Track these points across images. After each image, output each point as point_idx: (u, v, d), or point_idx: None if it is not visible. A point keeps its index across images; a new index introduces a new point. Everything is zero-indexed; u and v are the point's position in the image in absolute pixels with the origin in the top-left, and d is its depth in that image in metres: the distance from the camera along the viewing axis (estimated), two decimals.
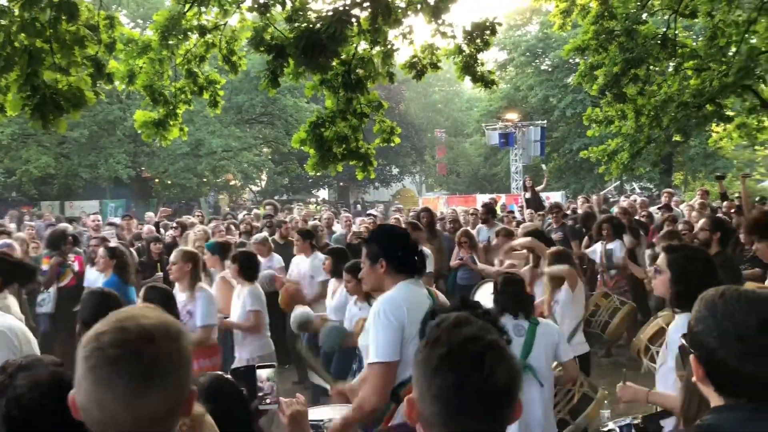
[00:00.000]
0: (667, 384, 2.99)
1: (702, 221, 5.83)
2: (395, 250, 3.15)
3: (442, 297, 3.46)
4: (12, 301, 4.40)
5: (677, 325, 2.95)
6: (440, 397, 1.40)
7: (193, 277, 5.29)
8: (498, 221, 10.24)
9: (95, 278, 7.23)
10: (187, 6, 7.31)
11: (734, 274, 4.95)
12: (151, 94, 7.71)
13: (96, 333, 1.33)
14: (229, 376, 2.65)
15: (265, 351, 5.62)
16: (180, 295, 5.27)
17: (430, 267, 7.13)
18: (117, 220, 11.23)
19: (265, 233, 8.76)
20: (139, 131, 8.08)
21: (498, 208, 15.65)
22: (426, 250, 7.31)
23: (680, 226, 7.48)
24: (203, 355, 5.05)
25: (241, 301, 5.65)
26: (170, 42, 7.49)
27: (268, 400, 2.61)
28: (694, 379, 1.65)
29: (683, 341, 1.68)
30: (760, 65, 10.18)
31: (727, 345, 1.53)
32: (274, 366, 2.71)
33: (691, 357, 1.63)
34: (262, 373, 2.66)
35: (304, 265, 7.47)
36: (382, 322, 2.94)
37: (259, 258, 6.68)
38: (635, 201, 12.70)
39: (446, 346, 1.43)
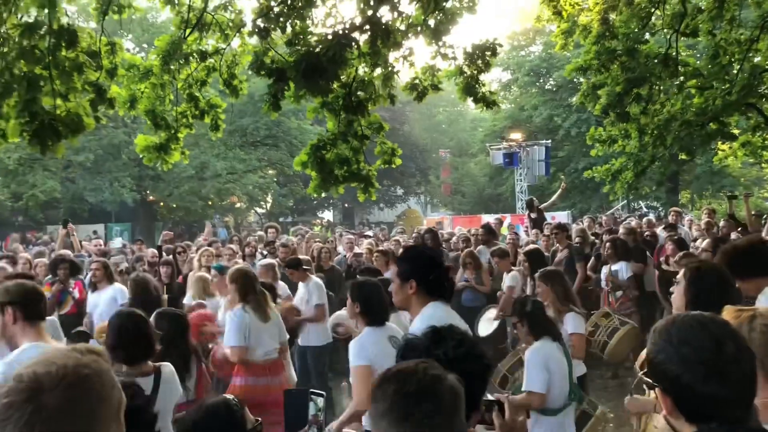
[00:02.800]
0: None
1: (705, 242, 5.79)
2: (428, 272, 3.11)
3: (464, 325, 3.39)
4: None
5: None
6: (387, 410, 1.52)
7: (238, 298, 5.30)
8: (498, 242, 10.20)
9: (95, 302, 7.18)
10: (188, 31, 7.34)
11: (735, 293, 4.87)
12: (152, 119, 7.74)
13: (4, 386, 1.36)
14: (235, 401, 2.61)
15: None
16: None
17: None
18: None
19: (271, 259, 8.67)
20: (141, 156, 8.09)
21: (505, 228, 15.60)
22: None
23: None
24: (247, 372, 5.15)
25: None
26: (171, 66, 7.52)
27: (315, 428, 2.56)
28: (663, 413, 1.65)
29: (643, 377, 1.69)
30: (764, 83, 10.16)
31: (689, 369, 1.56)
32: (323, 395, 2.66)
33: (657, 391, 1.64)
34: (312, 401, 2.61)
35: (301, 291, 7.45)
36: None
37: None
38: (644, 221, 12.61)
39: (386, 371, 1.65)
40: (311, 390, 2.68)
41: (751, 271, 3.81)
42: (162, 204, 34.54)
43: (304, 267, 7.48)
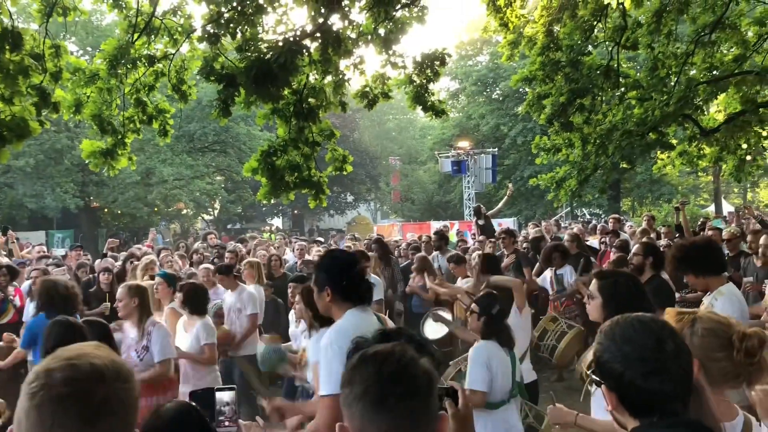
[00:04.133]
0: (601, 407, 3.07)
1: (635, 246, 5.97)
2: (340, 278, 3.12)
3: (390, 323, 3.45)
4: None
5: None
6: (362, 393, 1.48)
7: (141, 313, 5.13)
8: (450, 248, 10.32)
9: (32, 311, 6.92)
10: (136, 35, 7.25)
11: (668, 298, 5.06)
12: (99, 124, 7.60)
13: (45, 370, 1.28)
14: (194, 404, 2.61)
15: (215, 384, 5.50)
16: (131, 331, 5.15)
17: (379, 295, 7.10)
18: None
19: (208, 264, 8.56)
20: (87, 161, 7.92)
21: (452, 235, 15.77)
22: (375, 278, 7.32)
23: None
24: (161, 390, 4.97)
25: (194, 334, 5.53)
26: (118, 71, 7.41)
27: (227, 423, 2.60)
28: (609, 408, 1.74)
29: (594, 377, 1.77)
30: (699, 95, 10.58)
31: (632, 366, 1.65)
32: (234, 389, 2.69)
33: (603, 388, 1.73)
34: (222, 396, 2.64)
35: (230, 299, 7.17)
36: (334, 353, 2.87)
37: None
38: (599, 227, 12.94)
39: (363, 352, 1.56)
40: (218, 387, 2.73)
41: (705, 268, 3.98)
42: (106, 210, 33.71)
43: (235, 275, 7.30)
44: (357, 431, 1.51)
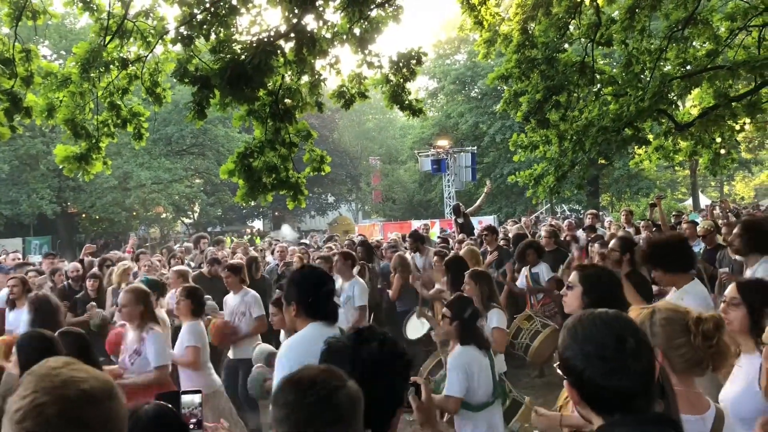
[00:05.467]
0: None
1: (612, 242, 5.97)
2: (307, 294, 3.18)
3: None
4: None
5: None
6: (285, 417, 1.57)
7: (144, 317, 5.06)
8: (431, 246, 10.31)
9: (16, 320, 6.82)
10: (108, 38, 7.17)
11: (646, 292, 5.10)
12: (72, 128, 7.49)
13: (34, 405, 1.27)
14: (170, 406, 2.60)
15: (210, 389, 5.43)
16: (130, 335, 5.12)
17: (365, 299, 7.05)
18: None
19: (183, 266, 8.45)
20: (61, 166, 7.81)
21: (434, 234, 15.79)
22: (361, 281, 7.27)
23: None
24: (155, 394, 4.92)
25: (180, 338, 5.52)
26: (91, 74, 7.31)
27: (191, 426, 2.63)
28: (572, 404, 1.73)
29: (559, 370, 1.78)
30: (673, 90, 10.69)
31: (592, 365, 1.66)
32: (200, 392, 2.72)
33: (566, 383, 1.74)
34: (188, 399, 2.67)
35: (233, 302, 7.04)
36: (281, 367, 2.96)
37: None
38: (564, 224, 12.99)
39: (288, 377, 1.65)
40: (184, 390, 2.77)
41: (674, 265, 4.00)
42: (84, 216, 33.38)
43: (241, 278, 7.13)
44: None
